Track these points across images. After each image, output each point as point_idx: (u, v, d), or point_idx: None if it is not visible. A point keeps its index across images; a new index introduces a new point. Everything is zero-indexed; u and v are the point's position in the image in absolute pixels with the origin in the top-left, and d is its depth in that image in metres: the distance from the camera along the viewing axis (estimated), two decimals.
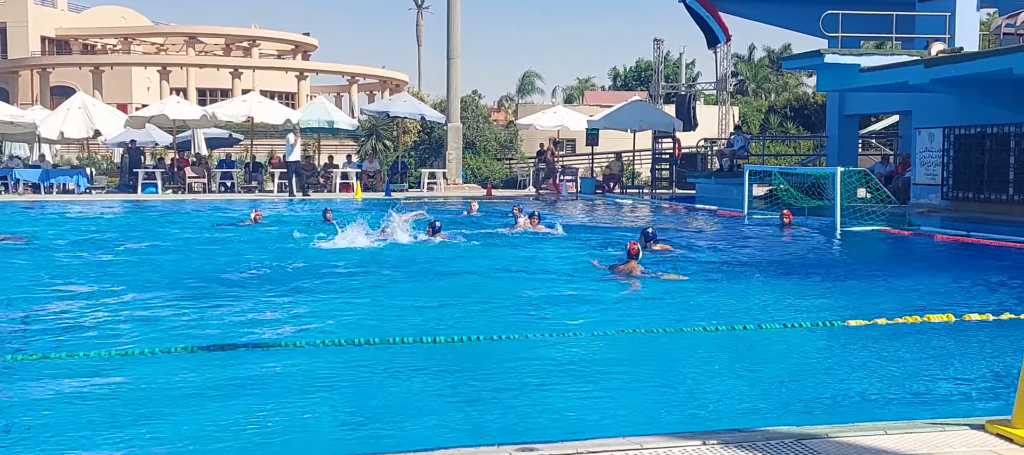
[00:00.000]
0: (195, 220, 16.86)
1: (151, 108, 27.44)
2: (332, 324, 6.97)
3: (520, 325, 7.03)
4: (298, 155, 24.28)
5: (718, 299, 8.28)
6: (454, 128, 28.72)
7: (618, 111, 27.97)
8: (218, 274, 9.40)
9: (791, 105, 38.39)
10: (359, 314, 7.44)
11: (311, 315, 7.32)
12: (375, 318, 7.29)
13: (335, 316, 7.28)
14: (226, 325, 6.91)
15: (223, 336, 6.47)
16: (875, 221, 15.12)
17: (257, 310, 7.55)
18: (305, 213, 18.16)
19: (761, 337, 6.51)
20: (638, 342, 6.31)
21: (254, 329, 6.82)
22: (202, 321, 6.98)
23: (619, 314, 7.56)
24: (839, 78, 19.03)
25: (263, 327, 6.89)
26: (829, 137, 23.89)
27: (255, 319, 7.17)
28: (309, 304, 7.78)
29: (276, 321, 7.11)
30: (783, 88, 53.49)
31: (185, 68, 57.37)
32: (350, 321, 7.13)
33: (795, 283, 9.27)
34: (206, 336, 6.46)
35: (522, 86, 71.22)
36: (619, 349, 6.23)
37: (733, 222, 16.65)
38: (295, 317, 7.25)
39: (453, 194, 26.27)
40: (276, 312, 7.46)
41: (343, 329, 6.81)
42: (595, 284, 9.07)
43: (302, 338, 6.44)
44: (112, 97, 49.51)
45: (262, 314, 7.38)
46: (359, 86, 65.99)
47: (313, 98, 42.38)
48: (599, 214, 19.46)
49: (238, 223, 15.66)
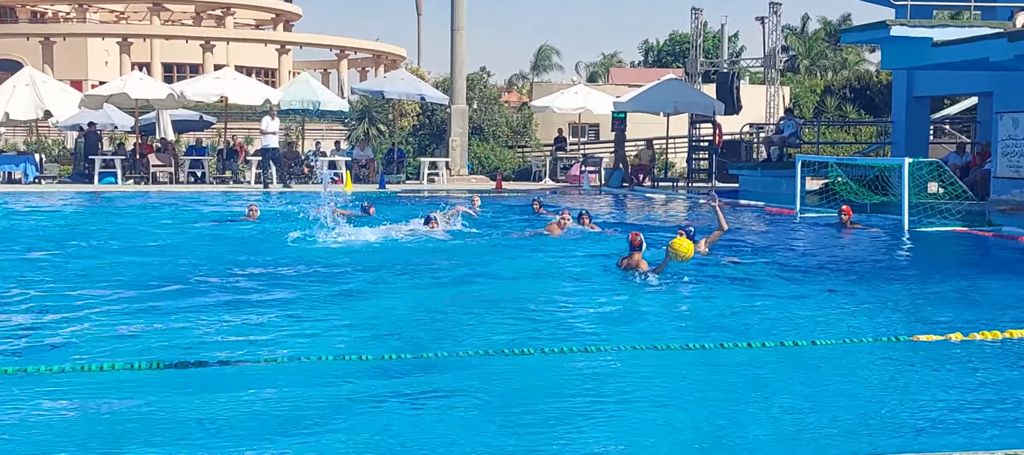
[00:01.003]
0: (174, 216, 16.90)
1: (110, 86, 27.59)
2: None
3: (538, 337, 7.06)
4: (276, 140, 24.39)
5: (766, 311, 8.28)
6: (459, 111, 28.77)
7: (649, 92, 27.95)
8: (231, 285, 9.32)
9: (851, 85, 38.27)
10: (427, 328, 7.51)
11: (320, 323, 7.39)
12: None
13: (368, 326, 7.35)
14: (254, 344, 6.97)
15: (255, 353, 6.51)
16: (949, 220, 15.07)
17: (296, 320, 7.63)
18: (281, 206, 18.24)
19: (816, 354, 6.51)
20: (674, 361, 6.33)
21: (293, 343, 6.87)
22: (216, 339, 7.00)
23: (649, 326, 7.57)
24: (907, 54, 18.96)
25: (292, 340, 6.94)
26: (895, 122, 23.79)
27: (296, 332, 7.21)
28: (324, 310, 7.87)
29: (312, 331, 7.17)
30: (841, 65, 53.34)
31: (149, 40, 57.66)
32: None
33: (855, 292, 9.25)
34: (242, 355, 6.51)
35: (537, 62, 71.38)
36: (650, 366, 6.24)
37: (782, 221, 16.62)
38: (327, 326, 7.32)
39: (457, 187, 26.32)
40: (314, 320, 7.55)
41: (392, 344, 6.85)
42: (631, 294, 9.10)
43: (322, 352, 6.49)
44: (65, 73, 49.83)
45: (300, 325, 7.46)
46: (349, 62, 66.16)
47: (296, 75, 42.54)
48: (629, 210, 19.47)
49: (231, 220, 15.66)
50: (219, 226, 15.16)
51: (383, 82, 30.30)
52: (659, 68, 53.13)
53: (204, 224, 15.43)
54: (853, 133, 34.71)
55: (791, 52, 56.12)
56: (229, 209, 18.07)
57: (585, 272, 10.22)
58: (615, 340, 6.89)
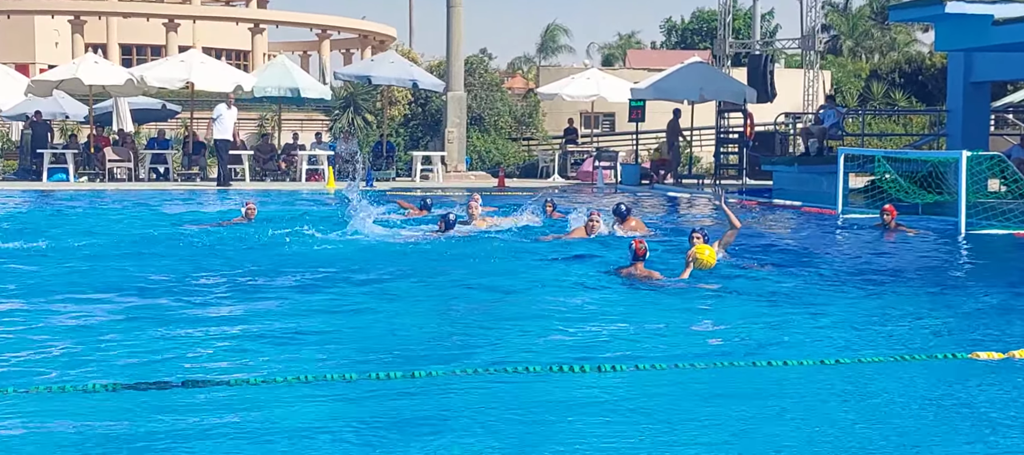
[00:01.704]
0: (150, 219, 16.83)
1: (60, 70, 27.65)
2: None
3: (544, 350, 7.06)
4: (229, 132, 24.45)
5: (805, 324, 8.28)
6: (456, 98, 28.79)
7: (671, 77, 27.95)
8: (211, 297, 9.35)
9: (900, 69, 38.31)
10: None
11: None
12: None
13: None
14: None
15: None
16: (1012, 223, 15.06)
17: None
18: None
19: (859, 373, 6.50)
20: (708, 380, 6.34)
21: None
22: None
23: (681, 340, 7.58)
24: (965, 33, 18.96)
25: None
26: (951, 111, 23.77)
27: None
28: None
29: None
30: (890, 47, 53.40)
31: (104, 17, 57.69)
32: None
33: (904, 303, 9.25)
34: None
35: (545, 44, 71.45)
36: (675, 386, 6.25)
37: (823, 222, 16.63)
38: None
39: (454, 185, 26.33)
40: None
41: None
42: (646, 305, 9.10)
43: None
44: (9, 55, 49.94)
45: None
46: (332, 43, 66.24)
47: (272, 58, 42.62)
48: (648, 212, 19.46)
49: (221, 223, 15.49)
50: (212, 231, 14.96)
51: (370, 66, 30.31)
52: (683, 50, 53.18)
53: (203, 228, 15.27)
54: (903, 123, 34.70)
55: (832, 32, 56.18)
56: (217, 209, 17.98)
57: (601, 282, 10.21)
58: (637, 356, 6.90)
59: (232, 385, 6.05)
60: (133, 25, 58.95)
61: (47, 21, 58.31)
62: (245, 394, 5.92)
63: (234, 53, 61.29)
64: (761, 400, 5.97)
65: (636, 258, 9.90)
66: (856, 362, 6.79)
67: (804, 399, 6.04)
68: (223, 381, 6.12)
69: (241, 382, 6.08)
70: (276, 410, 5.64)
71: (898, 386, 6.30)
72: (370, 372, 6.32)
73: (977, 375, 6.55)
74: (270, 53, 58.55)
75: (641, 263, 9.87)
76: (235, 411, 5.62)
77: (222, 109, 24.45)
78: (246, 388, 6.01)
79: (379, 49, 57.68)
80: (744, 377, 6.50)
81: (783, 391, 6.18)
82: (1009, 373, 6.60)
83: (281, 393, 5.96)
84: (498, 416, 5.62)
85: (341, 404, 5.78)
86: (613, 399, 5.98)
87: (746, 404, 5.87)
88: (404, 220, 15.54)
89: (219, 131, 24.47)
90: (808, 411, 5.82)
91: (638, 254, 9.90)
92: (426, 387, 6.12)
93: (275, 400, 5.82)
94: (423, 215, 15.91)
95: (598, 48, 73.90)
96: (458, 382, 6.23)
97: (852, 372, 6.59)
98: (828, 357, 6.89)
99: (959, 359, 6.84)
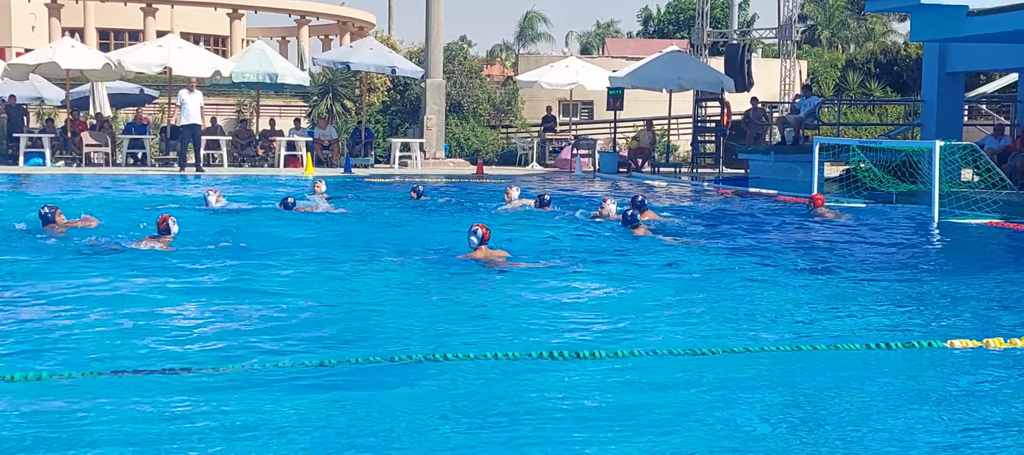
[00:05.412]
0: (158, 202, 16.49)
1: (36, 54, 27.42)
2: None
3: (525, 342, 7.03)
4: (197, 116, 24.29)
5: (776, 312, 8.28)
6: (435, 85, 28.71)
7: (649, 65, 27.97)
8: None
9: (876, 59, 38.42)
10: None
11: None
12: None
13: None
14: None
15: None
16: (984, 212, 15.13)
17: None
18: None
19: (834, 360, 6.51)
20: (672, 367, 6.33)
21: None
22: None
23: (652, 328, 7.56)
24: (940, 23, 19.02)
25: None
26: (925, 101, 23.88)
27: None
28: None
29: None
30: (866, 37, 53.59)
31: (82, 1, 57.26)
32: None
33: (879, 292, 9.27)
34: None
35: (523, 31, 71.37)
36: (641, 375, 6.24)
37: (797, 211, 16.65)
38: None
39: (433, 171, 26.29)
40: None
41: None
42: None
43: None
44: None
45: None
46: (311, 29, 65.97)
47: (250, 44, 42.35)
48: None
49: (294, 206, 14.98)
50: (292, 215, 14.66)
51: (349, 52, 30.15)
52: (660, 39, 53.15)
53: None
54: (878, 113, 34.84)
55: (809, 22, 56.22)
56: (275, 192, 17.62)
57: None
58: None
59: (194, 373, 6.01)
60: (111, 9, 58.44)
61: (24, 5, 57.72)
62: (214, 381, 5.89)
63: (212, 38, 60.86)
64: (732, 388, 5.96)
65: (481, 241, 10.02)
66: (833, 348, 6.80)
67: (777, 385, 6.04)
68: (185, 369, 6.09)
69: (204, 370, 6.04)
70: (254, 396, 5.60)
71: (875, 374, 6.31)
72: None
73: (950, 362, 6.56)
74: (248, 39, 58.21)
75: (483, 246, 10.00)
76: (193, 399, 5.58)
77: (184, 95, 24.34)
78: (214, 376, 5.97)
79: (358, 36, 57.41)
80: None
81: (753, 379, 6.17)
82: (980, 360, 6.62)
83: (257, 378, 5.93)
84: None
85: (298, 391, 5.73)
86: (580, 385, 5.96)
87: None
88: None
89: (185, 118, 24.33)
90: (784, 397, 5.81)
91: (482, 239, 10.03)
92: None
93: (247, 386, 5.79)
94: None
95: (577, 36, 73.88)
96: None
97: (828, 358, 6.59)
98: (804, 343, 6.91)
99: (934, 348, 6.85)
